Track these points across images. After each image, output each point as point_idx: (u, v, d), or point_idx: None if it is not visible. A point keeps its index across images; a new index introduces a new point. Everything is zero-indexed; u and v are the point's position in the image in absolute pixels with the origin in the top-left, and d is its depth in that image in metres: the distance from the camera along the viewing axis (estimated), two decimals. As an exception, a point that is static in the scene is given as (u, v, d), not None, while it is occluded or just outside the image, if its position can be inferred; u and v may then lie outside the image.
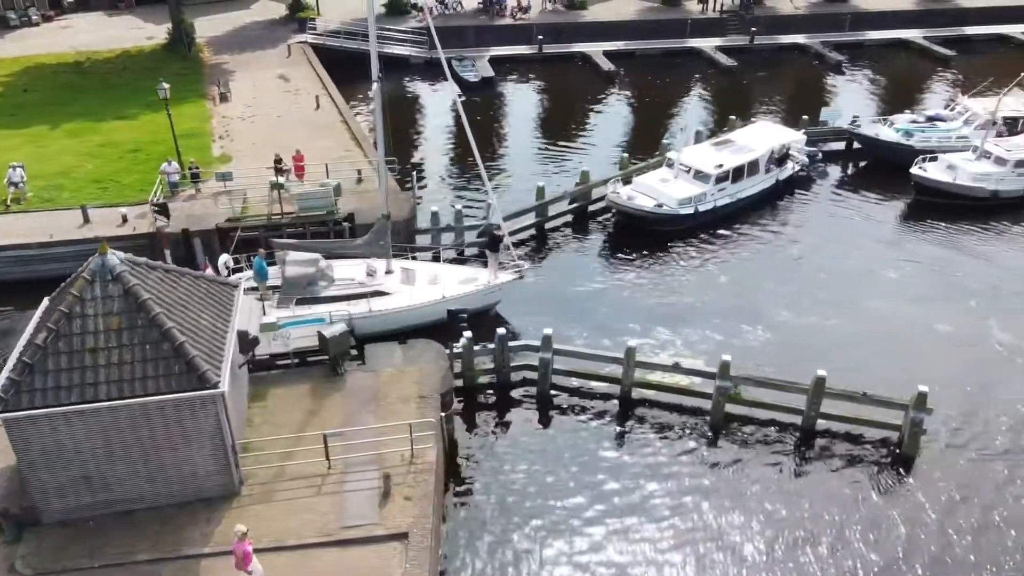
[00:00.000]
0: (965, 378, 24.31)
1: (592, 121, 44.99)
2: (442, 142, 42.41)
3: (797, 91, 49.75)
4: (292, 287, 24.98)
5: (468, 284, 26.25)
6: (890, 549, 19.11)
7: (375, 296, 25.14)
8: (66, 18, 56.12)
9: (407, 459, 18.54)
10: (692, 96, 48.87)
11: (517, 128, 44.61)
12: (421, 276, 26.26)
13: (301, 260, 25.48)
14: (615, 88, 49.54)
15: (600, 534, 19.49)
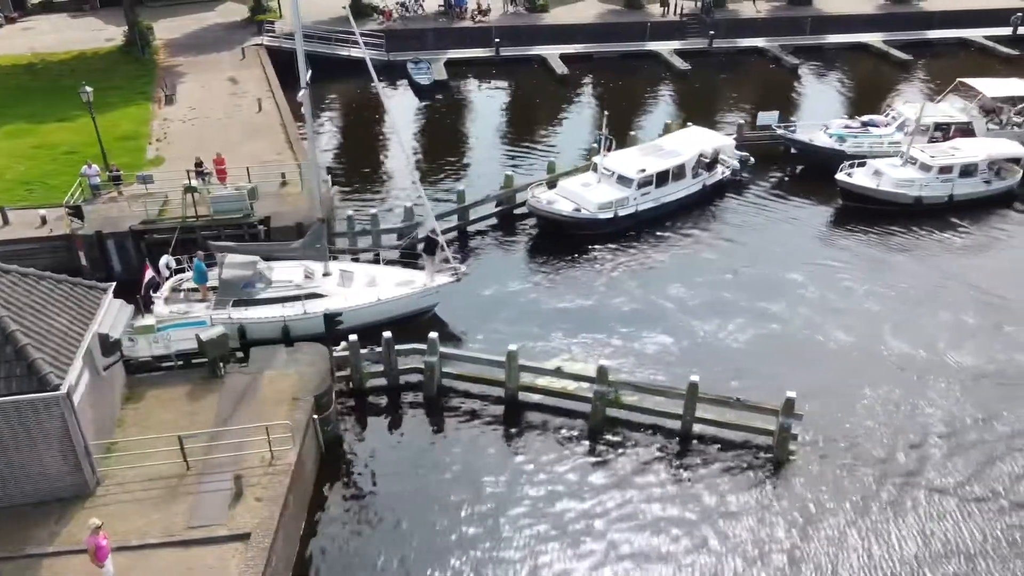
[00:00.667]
0: (849, 385, 24.52)
1: (539, 124, 45.28)
2: (383, 144, 42.81)
3: (749, 94, 49.87)
4: (228, 289, 25.44)
5: (405, 286, 26.61)
6: (751, 552, 19.33)
7: (311, 298, 25.52)
8: (29, 20, 56.74)
9: (267, 461, 18.87)
10: (642, 99, 49.07)
11: (463, 131, 44.99)
12: (359, 279, 26.70)
13: (238, 263, 25.97)
14: (567, 91, 49.80)
15: (473, 534, 19.74)
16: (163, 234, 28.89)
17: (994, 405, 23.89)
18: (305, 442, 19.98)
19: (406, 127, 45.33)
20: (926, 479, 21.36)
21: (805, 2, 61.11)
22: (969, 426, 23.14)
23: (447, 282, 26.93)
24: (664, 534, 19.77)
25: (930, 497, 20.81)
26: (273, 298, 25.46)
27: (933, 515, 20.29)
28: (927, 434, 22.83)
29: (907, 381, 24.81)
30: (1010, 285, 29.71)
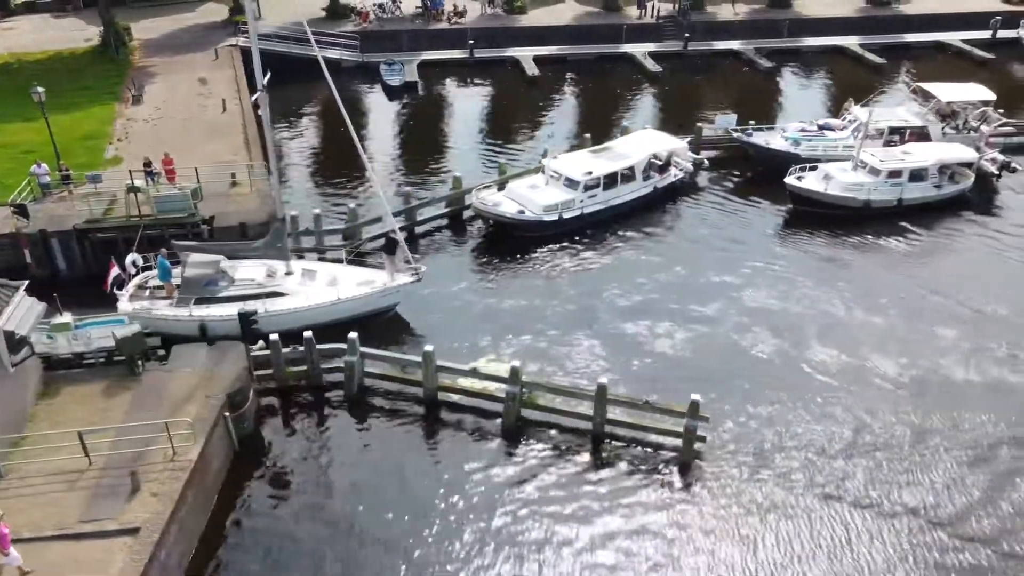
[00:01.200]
0: (766, 389, 24.64)
1: (504, 126, 45.55)
2: (346, 145, 43.03)
3: (719, 97, 49.88)
4: (190, 287, 26.00)
5: (365, 286, 27.06)
6: (645, 551, 19.55)
7: (271, 297, 26.06)
8: (11, 20, 57.53)
9: (168, 457, 19.26)
10: (611, 101, 49.20)
11: (429, 132, 45.31)
12: (320, 278, 27.21)
13: (201, 261, 26.61)
14: (536, 93, 50.04)
15: (382, 533, 20.00)
16: (107, 233, 29.44)
17: (909, 413, 23.91)
18: (212, 439, 20.37)
19: (373, 128, 45.85)
20: (827, 486, 21.38)
21: (785, 5, 61.07)
22: (879, 434, 23.13)
23: (407, 282, 27.33)
24: (564, 532, 20.01)
25: (826, 504, 20.82)
26: (234, 296, 25.98)
27: (825, 521, 20.35)
28: (835, 442, 22.83)
29: (824, 387, 24.84)
30: (949, 290, 29.76)
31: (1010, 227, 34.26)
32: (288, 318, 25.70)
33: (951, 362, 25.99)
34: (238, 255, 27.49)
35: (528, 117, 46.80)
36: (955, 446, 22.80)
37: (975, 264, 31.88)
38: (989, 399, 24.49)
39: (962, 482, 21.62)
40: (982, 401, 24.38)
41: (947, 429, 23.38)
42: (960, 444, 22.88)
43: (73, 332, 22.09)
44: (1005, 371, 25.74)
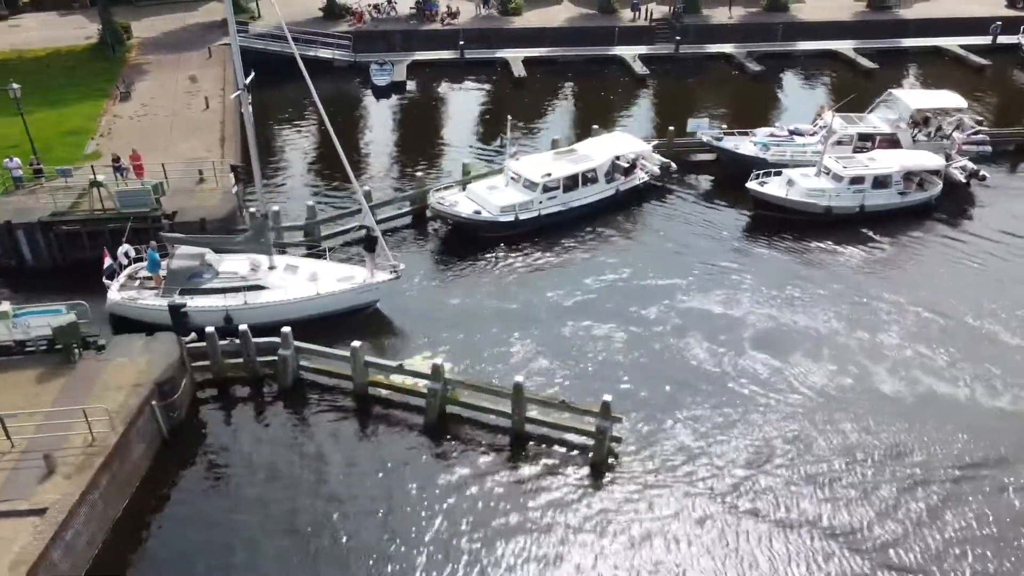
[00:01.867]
0: (692, 393, 24.95)
1: (482, 126, 46.04)
2: (326, 143, 43.87)
3: (703, 100, 49.98)
4: (176, 278, 27.07)
5: (345, 282, 27.85)
6: (548, 550, 19.95)
7: (252, 290, 26.93)
8: (19, 17, 59.22)
9: (88, 442, 20.06)
10: (593, 103, 49.48)
11: (408, 131, 45.98)
12: (302, 273, 28.10)
13: (187, 254, 27.80)
14: (521, 94, 50.48)
15: (297, 522, 20.66)
16: (71, 226, 30.44)
17: (827, 423, 23.93)
18: (135, 426, 21.16)
19: (357, 127, 46.56)
20: (730, 495, 21.49)
21: (781, 9, 60.80)
22: (794, 445, 23.15)
23: (387, 279, 27.99)
24: (467, 525, 20.49)
25: (726, 512, 21.02)
26: (217, 288, 27.00)
27: (721, 528, 20.55)
28: (748, 451, 22.94)
29: (750, 394, 24.99)
30: (898, 299, 29.68)
31: (971, 236, 34.05)
32: (268, 311, 26.58)
33: (884, 372, 26.02)
34: (223, 248, 28.46)
35: (510, 118, 47.14)
36: (871, 459, 22.80)
37: (929, 273, 31.74)
38: (916, 411, 24.46)
39: (870, 496, 21.55)
40: (909, 413, 24.36)
41: (864, 442, 23.35)
42: (876, 458, 22.84)
43: (12, 320, 23.00)
44: (938, 382, 25.69)
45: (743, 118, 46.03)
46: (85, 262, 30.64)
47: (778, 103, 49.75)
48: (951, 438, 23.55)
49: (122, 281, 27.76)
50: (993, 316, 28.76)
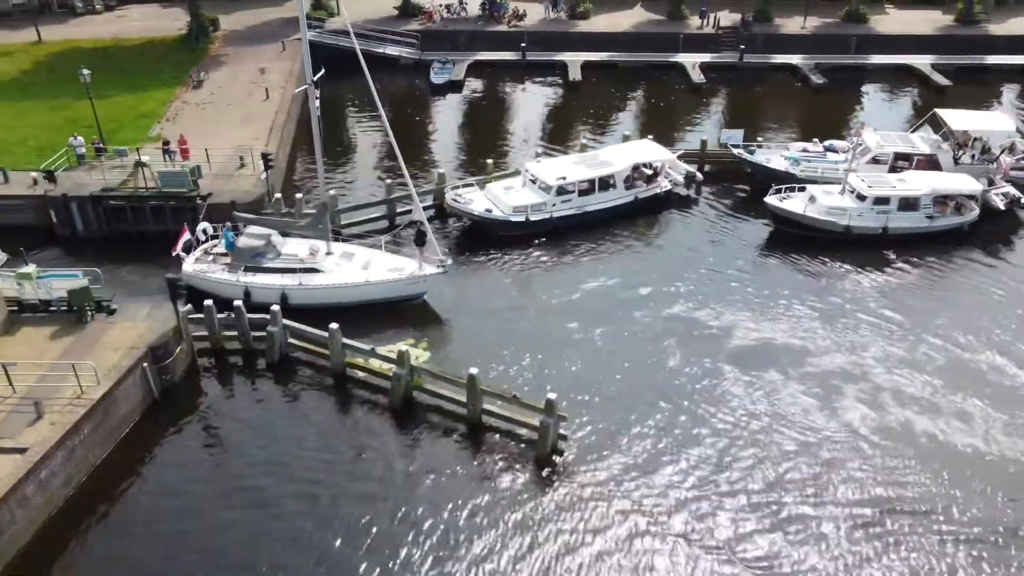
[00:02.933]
0: (656, 398, 25.26)
1: (528, 127, 46.95)
2: (380, 136, 46.02)
3: (756, 111, 49.29)
4: (242, 255, 29.51)
5: (394, 272, 29.38)
6: (475, 539, 20.87)
7: (307, 272, 28.96)
8: (126, 8, 64.33)
9: (78, 394, 22.42)
10: (641, 110, 49.66)
11: (455, 129, 47.47)
12: (356, 261, 29.82)
13: (255, 234, 30.05)
14: (572, 97, 51.13)
15: (259, 487, 22.31)
16: (117, 201, 33.46)
17: (781, 448, 23.68)
18: (123, 384, 23.41)
19: (407, 122, 48.31)
20: (662, 511, 21.61)
21: (860, 20, 58.83)
22: (738, 468, 22.97)
23: (434, 272, 29.22)
24: (408, 507, 21.62)
25: (653, 525, 21.21)
26: (276, 268, 29.08)
27: (644, 541, 20.75)
28: (697, 466, 22.96)
29: (714, 410, 24.95)
30: (900, 326, 28.89)
31: (1001, 267, 32.63)
32: (320, 293, 28.58)
33: (852, 401, 25.45)
34: (288, 232, 30.55)
35: (560, 119, 48.08)
36: (811, 494, 22.23)
37: (946, 301, 30.64)
38: (888, 444, 23.88)
39: (803, 531, 21.10)
40: (876, 447, 23.79)
41: (823, 477, 22.71)
42: (834, 498, 22.19)
43: (36, 281, 25.77)
44: (912, 414, 25.01)
45: (795, 131, 45.37)
46: (128, 234, 33.89)
47: (835, 118, 48.31)
48: (909, 467, 23.00)
49: (198, 255, 30.20)
50: (1001, 350, 27.53)
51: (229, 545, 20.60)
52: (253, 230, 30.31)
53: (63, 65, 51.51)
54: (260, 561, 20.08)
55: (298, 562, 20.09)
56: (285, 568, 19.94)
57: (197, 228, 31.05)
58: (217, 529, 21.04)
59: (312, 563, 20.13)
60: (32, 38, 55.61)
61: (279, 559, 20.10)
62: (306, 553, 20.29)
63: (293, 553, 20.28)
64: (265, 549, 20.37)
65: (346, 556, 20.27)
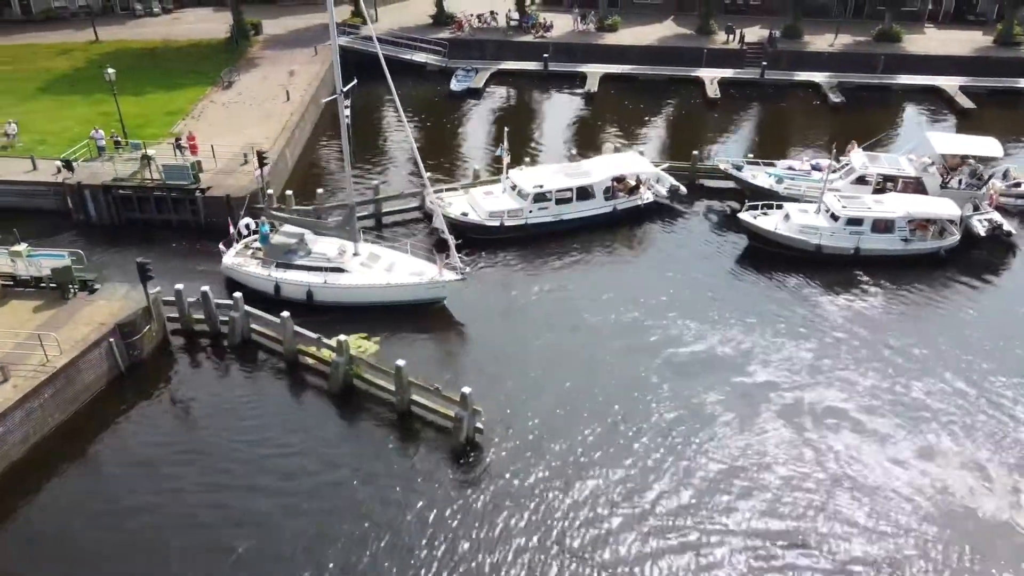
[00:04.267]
0: (579, 403, 26.08)
1: (537, 136, 48.23)
2: (395, 141, 48.03)
3: (765, 127, 49.28)
4: (275, 252, 31.08)
5: (415, 276, 30.48)
6: (369, 525, 22.20)
7: (333, 272, 30.46)
8: (181, 11, 68.40)
9: (43, 362, 24.80)
10: (649, 122, 50.14)
11: (463, 134, 49.03)
12: (381, 263, 31.09)
13: (288, 232, 31.76)
14: (585, 108, 52.09)
15: (209, 456, 24.28)
16: (125, 190, 36.22)
17: (701, 470, 23.94)
18: (87, 356, 25.71)
19: (425, 125, 50.05)
20: (558, 527, 22.02)
21: (893, 39, 57.93)
22: (653, 485, 23.24)
23: (452, 279, 30.07)
24: (317, 486, 23.11)
25: (544, 538, 21.73)
26: (304, 265, 30.60)
27: (527, 549, 21.43)
28: (608, 480, 23.35)
29: (638, 420, 25.51)
30: (855, 345, 29.00)
31: (967, 295, 32.05)
32: (342, 292, 30.16)
33: (770, 415, 25.80)
34: (319, 231, 31.97)
35: (561, 129, 49.09)
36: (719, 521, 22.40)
37: (905, 326, 30.32)
38: (800, 470, 24.02)
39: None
40: (789, 464, 24.09)
41: (743, 508, 22.76)
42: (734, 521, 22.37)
43: (27, 259, 28.45)
44: (835, 433, 25.24)
45: (801, 149, 45.19)
46: (135, 221, 36.67)
47: (846, 136, 47.62)
48: (811, 496, 23.27)
49: (238, 249, 32.10)
50: (952, 384, 27.29)
51: (167, 504, 22.62)
52: (287, 228, 31.80)
53: (112, 63, 55.16)
54: (183, 511, 22.21)
55: (215, 522, 21.90)
56: (202, 523, 21.82)
57: (240, 223, 32.88)
58: (160, 491, 22.99)
59: (232, 524, 21.89)
60: (90, 38, 59.89)
61: (203, 519, 22.00)
62: (228, 515, 22.12)
63: (215, 515, 22.21)
64: (187, 504, 22.39)
65: (265, 514, 22.13)
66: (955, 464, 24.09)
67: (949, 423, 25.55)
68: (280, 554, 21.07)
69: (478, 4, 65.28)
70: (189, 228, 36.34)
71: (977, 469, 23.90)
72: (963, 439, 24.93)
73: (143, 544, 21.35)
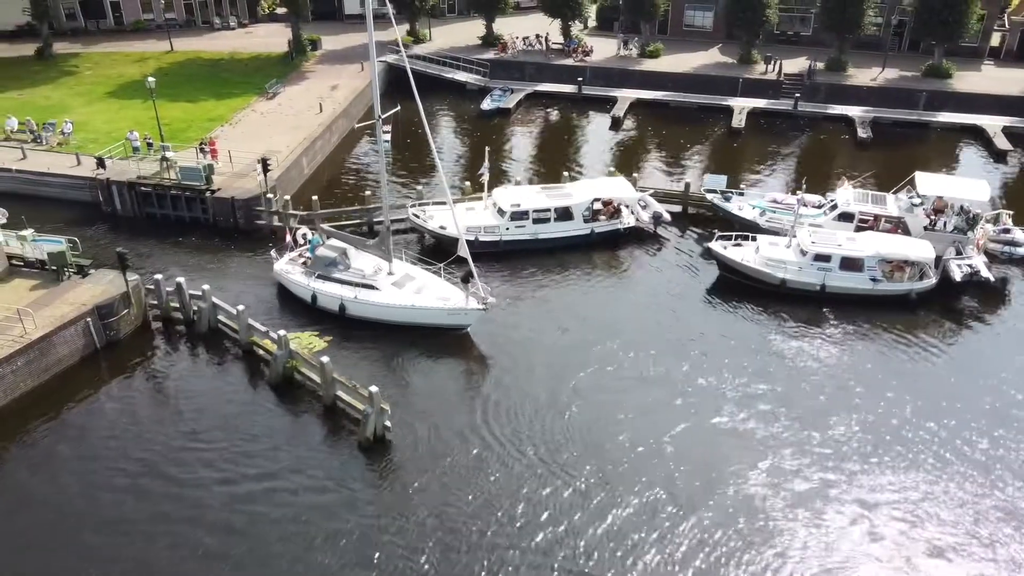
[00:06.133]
0: (488, 429, 26.80)
1: (552, 156, 49.44)
2: (424, 156, 50.34)
3: (779, 159, 48.82)
4: (317, 263, 32.92)
5: (440, 301, 31.26)
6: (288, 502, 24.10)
7: (365, 288, 31.84)
8: (255, 26, 73.40)
9: (21, 334, 28.02)
10: (668, 148, 50.47)
11: (485, 152, 50.38)
12: (412, 284, 32.11)
13: (332, 246, 33.37)
14: (606, 132, 53.01)
15: (159, 425, 26.98)
16: (145, 187, 39.86)
17: (598, 495, 24.46)
18: (64, 332, 28.80)
19: (453, 141, 52.25)
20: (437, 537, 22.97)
21: (943, 75, 56.10)
22: (549, 506, 23.75)
23: (475, 308, 30.71)
24: (242, 470, 25.20)
25: (452, 530, 23.06)
26: (340, 279, 32.09)
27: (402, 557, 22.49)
28: (504, 512, 23.73)
29: (541, 442, 26.10)
30: (804, 387, 28.78)
31: (927, 343, 31.08)
32: (370, 309, 31.34)
33: (683, 439, 26.12)
34: (361, 248, 33.22)
35: (579, 151, 50.19)
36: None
37: (856, 371, 29.59)
38: (712, 500, 24.27)
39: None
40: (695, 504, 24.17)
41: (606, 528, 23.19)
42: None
43: (31, 243, 32.04)
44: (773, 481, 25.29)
45: (813, 182, 44.37)
46: (154, 216, 40.27)
47: (856, 171, 46.71)
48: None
49: (292, 256, 34.03)
50: (896, 434, 26.72)
51: (99, 461, 25.49)
52: (332, 242, 33.42)
53: (178, 71, 60.45)
54: (107, 469, 24.73)
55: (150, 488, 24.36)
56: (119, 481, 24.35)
57: (297, 233, 35.20)
58: (108, 449, 25.89)
59: (141, 482, 24.42)
60: (167, 48, 65.29)
61: (118, 481, 24.52)
62: (142, 479, 24.56)
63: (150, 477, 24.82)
64: (127, 467, 24.94)
65: (194, 487, 24.45)
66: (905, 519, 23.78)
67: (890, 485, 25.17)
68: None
69: (529, 27, 67.30)
70: (199, 225, 39.66)
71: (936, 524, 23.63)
72: (907, 486, 24.69)
73: (74, 491, 24.45)
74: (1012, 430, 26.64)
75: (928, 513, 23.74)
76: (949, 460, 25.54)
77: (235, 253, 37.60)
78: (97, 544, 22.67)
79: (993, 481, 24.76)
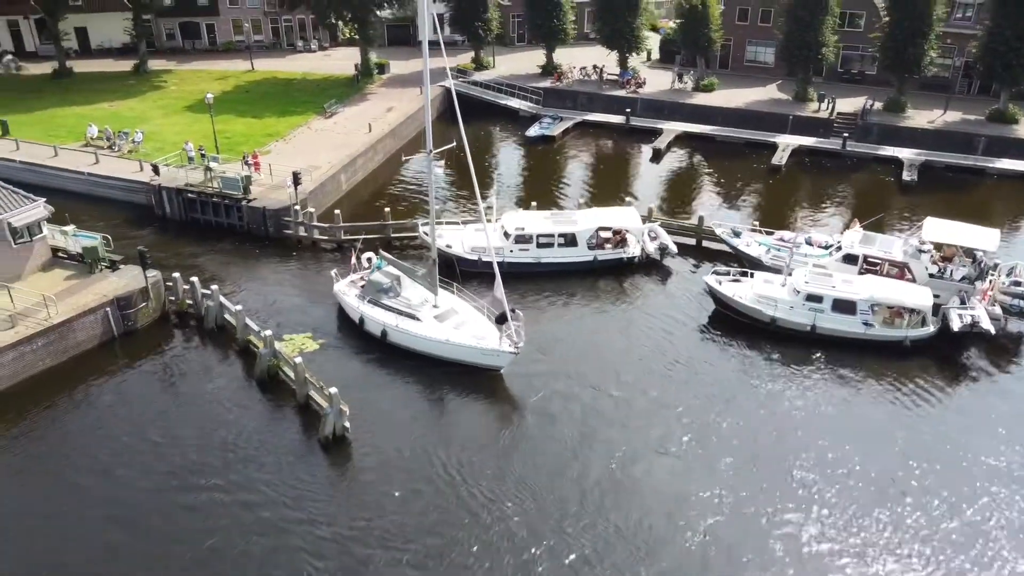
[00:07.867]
0: (451, 452, 27.42)
1: (584, 184, 50.41)
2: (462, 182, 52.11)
3: (805, 198, 48.10)
4: (369, 288, 33.73)
5: (474, 339, 31.06)
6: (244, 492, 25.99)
7: (407, 317, 32.28)
8: (334, 50, 77.71)
9: (45, 318, 31.24)
10: (698, 181, 50.53)
11: (522, 176, 52.25)
12: (453, 319, 32.12)
13: (388, 272, 34.09)
14: (645, 163, 53.50)
15: (148, 404, 29.63)
16: (191, 194, 43.30)
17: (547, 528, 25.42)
18: (82, 318, 31.88)
19: (497, 167, 53.96)
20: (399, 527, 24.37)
21: (1008, 121, 53.77)
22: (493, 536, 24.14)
23: (506, 351, 30.38)
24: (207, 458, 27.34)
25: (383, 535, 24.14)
26: (386, 306, 32.80)
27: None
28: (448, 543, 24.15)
29: (497, 465, 26.73)
30: (776, 436, 28.28)
31: (912, 396, 29.94)
32: (409, 339, 31.76)
33: (648, 475, 26.39)
34: (411, 277, 33.96)
35: (611, 181, 50.87)
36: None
37: (834, 422, 28.68)
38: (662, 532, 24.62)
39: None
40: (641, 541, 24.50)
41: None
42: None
43: (71, 237, 35.56)
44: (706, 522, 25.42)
45: (841, 224, 43.75)
46: (197, 220, 43.63)
47: (893, 216, 45.37)
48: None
49: (353, 278, 34.95)
50: (871, 496, 25.75)
51: (117, 435, 28.16)
52: (388, 269, 34.37)
53: (254, 89, 64.87)
54: (101, 440, 27.27)
55: (114, 456, 26.80)
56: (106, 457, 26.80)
57: (363, 256, 36.53)
58: (111, 427, 28.54)
59: (116, 464, 26.72)
60: (248, 67, 70.14)
61: (103, 458, 27.01)
62: (120, 460, 26.95)
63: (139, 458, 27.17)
64: (107, 445, 27.45)
65: (179, 470, 26.60)
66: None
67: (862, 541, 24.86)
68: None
69: (591, 57, 68.62)
70: (235, 231, 42.71)
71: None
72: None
73: (76, 457, 27.25)
74: (987, 493, 25.47)
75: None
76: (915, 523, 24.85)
77: (262, 258, 40.37)
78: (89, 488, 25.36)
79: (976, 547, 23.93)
